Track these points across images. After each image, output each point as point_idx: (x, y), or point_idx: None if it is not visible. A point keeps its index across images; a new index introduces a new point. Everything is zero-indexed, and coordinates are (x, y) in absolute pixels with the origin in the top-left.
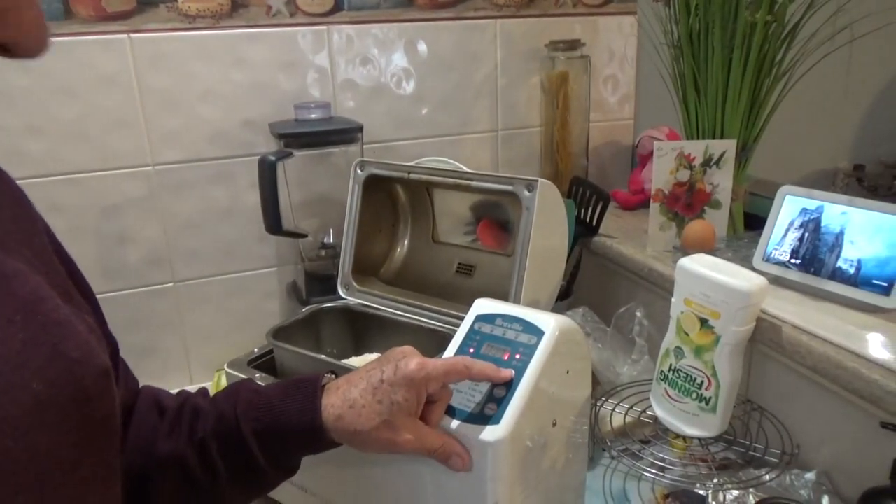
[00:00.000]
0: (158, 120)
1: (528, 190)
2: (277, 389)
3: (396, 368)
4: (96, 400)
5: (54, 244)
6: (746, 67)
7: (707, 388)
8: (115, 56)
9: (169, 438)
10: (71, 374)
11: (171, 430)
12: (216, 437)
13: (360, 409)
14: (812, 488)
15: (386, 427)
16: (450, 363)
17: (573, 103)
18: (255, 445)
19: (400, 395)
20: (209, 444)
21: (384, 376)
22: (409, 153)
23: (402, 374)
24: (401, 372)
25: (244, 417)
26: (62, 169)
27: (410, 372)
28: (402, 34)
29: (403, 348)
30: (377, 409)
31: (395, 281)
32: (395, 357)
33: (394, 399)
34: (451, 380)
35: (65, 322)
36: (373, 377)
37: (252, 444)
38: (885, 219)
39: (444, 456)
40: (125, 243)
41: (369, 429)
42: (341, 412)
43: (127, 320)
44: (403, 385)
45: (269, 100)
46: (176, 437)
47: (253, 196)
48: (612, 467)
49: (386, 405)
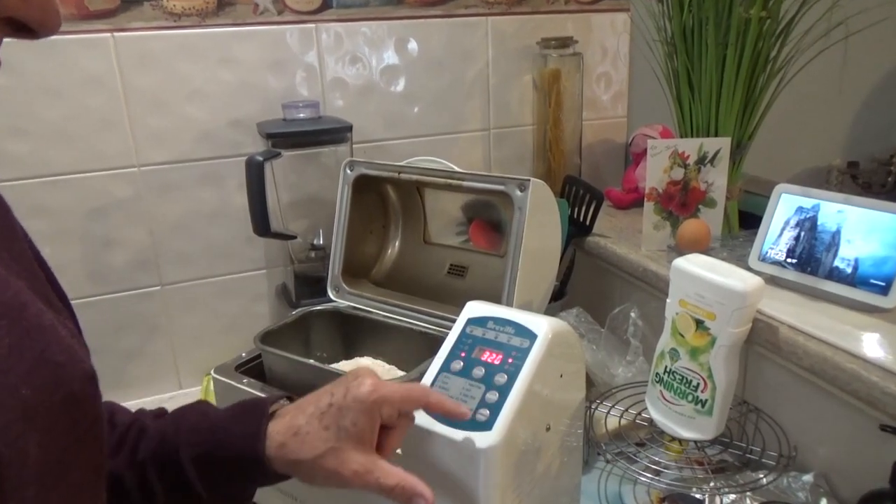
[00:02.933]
0: (144, 120)
1: (520, 190)
2: (224, 414)
3: (347, 391)
4: (84, 404)
5: (33, 249)
6: (741, 64)
7: (703, 390)
8: (98, 55)
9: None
10: (58, 379)
11: (114, 449)
12: (154, 460)
13: (304, 437)
14: (810, 490)
15: (332, 456)
16: (407, 389)
17: (566, 101)
18: (193, 472)
19: (349, 419)
20: (148, 466)
21: (333, 399)
22: (399, 153)
23: (352, 397)
24: (351, 394)
25: (184, 441)
26: (46, 171)
27: (362, 394)
28: (391, 32)
29: (358, 370)
30: (323, 436)
31: (385, 283)
32: (347, 380)
33: (342, 424)
34: (407, 407)
35: (49, 327)
36: (321, 402)
37: (189, 470)
38: (882, 217)
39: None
40: (111, 246)
41: (312, 457)
42: (285, 439)
43: (114, 324)
44: (354, 409)
45: (257, 99)
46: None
47: (241, 197)
48: (608, 471)
49: (332, 431)
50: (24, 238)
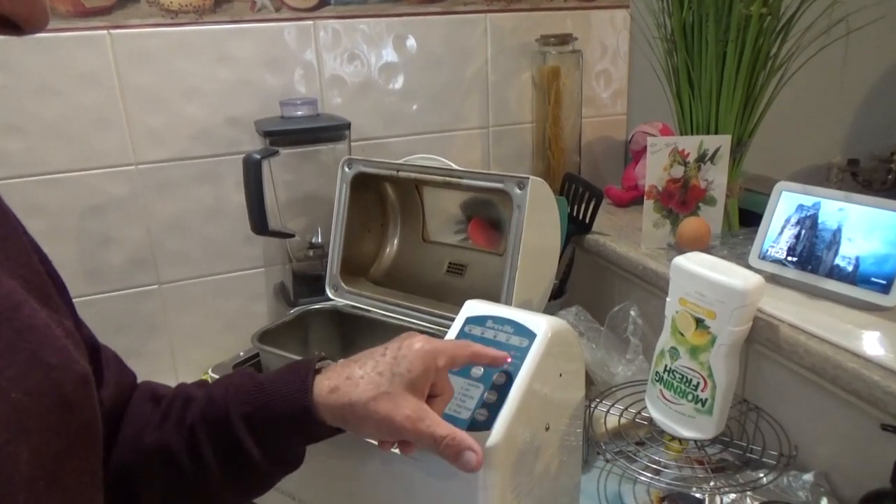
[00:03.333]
0: (141, 118)
1: (519, 188)
2: (272, 374)
3: (401, 346)
4: (77, 407)
5: (33, 244)
6: (741, 61)
7: (703, 389)
8: (95, 53)
9: (158, 428)
10: (50, 381)
11: (161, 420)
12: (204, 422)
13: (357, 380)
14: (810, 490)
15: (385, 399)
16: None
17: (565, 99)
18: (243, 429)
19: (404, 366)
20: (197, 429)
21: (387, 351)
22: (398, 150)
23: (407, 347)
24: (406, 346)
25: (234, 401)
26: (43, 169)
27: (417, 344)
28: (390, 29)
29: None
30: (377, 380)
31: (384, 281)
32: (400, 338)
33: (396, 371)
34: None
35: (42, 328)
36: (375, 353)
37: (239, 428)
38: (883, 215)
39: (453, 450)
40: (108, 245)
41: (366, 399)
42: (337, 383)
43: (111, 323)
44: (409, 357)
45: (255, 97)
46: (165, 425)
47: (239, 195)
48: (608, 470)
49: (387, 377)
50: (22, 234)
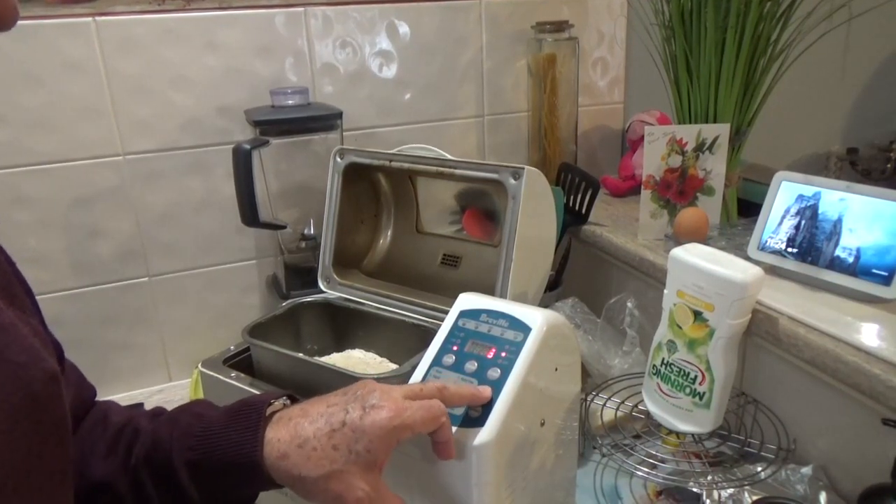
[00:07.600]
0: (128, 107)
1: (514, 178)
2: (220, 415)
3: (364, 413)
4: (46, 405)
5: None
6: (740, 48)
7: (701, 382)
8: (80, 40)
9: (105, 460)
10: (18, 380)
11: (108, 451)
12: (148, 465)
13: (309, 452)
14: (808, 483)
15: (337, 479)
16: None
17: (561, 87)
18: (186, 477)
19: (363, 444)
20: (141, 472)
21: (347, 418)
22: (391, 140)
23: (370, 421)
24: (370, 418)
25: (178, 445)
26: (28, 159)
27: (382, 420)
28: (382, 16)
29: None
30: (331, 455)
31: (377, 273)
32: (362, 395)
33: (354, 448)
34: (428, 429)
35: (8, 326)
36: (333, 417)
37: (182, 475)
38: (884, 205)
39: None
40: (96, 236)
41: (316, 476)
42: (288, 450)
43: (100, 316)
44: (370, 435)
45: (245, 85)
46: (111, 459)
47: (229, 186)
48: (604, 464)
49: (342, 453)
50: None
